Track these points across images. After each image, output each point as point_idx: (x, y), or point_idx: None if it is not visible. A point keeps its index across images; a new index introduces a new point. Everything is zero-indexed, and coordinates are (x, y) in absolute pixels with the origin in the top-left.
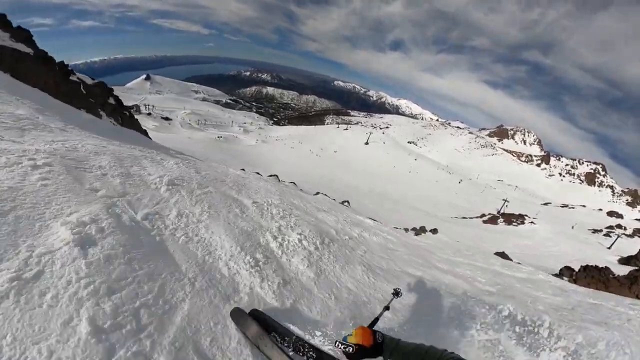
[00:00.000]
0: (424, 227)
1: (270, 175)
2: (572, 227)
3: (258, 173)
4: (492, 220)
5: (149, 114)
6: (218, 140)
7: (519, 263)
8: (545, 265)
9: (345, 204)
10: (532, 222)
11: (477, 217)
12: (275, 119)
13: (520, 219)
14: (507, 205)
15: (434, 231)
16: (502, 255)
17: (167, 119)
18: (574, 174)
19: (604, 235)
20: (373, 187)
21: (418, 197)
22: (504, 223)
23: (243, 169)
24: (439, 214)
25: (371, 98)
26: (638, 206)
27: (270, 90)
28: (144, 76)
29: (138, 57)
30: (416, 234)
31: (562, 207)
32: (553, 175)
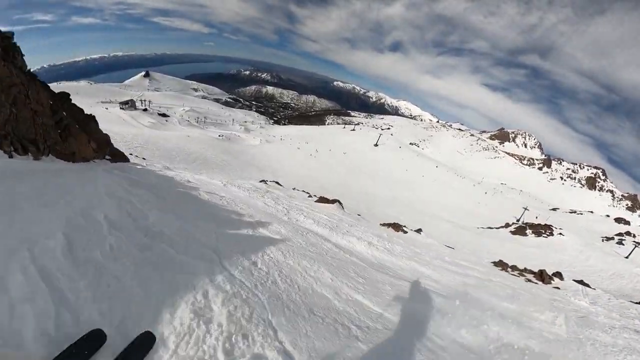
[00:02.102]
0: (544, 270)
1: (323, 201)
2: (602, 240)
3: (278, 183)
4: (520, 231)
5: (145, 109)
6: (219, 139)
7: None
8: (602, 286)
9: (422, 233)
10: (560, 234)
11: (502, 227)
12: (275, 119)
13: (548, 230)
14: (536, 217)
15: (560, 276)
16: (582, 283)
17: (164, 115)
18: (575, 178)
19: (617, 243)
20: (393, 194)
21: (439, 205)
22: (533, 235)
23: (264, 181)
24: (462, 223)
25: (371, 99)
26: (638, 211)
27: (270, 89)
28: (142, 73)
29: (138, 55)
30: (539, 279)
31: (570, 212)
32: (554, 179)
